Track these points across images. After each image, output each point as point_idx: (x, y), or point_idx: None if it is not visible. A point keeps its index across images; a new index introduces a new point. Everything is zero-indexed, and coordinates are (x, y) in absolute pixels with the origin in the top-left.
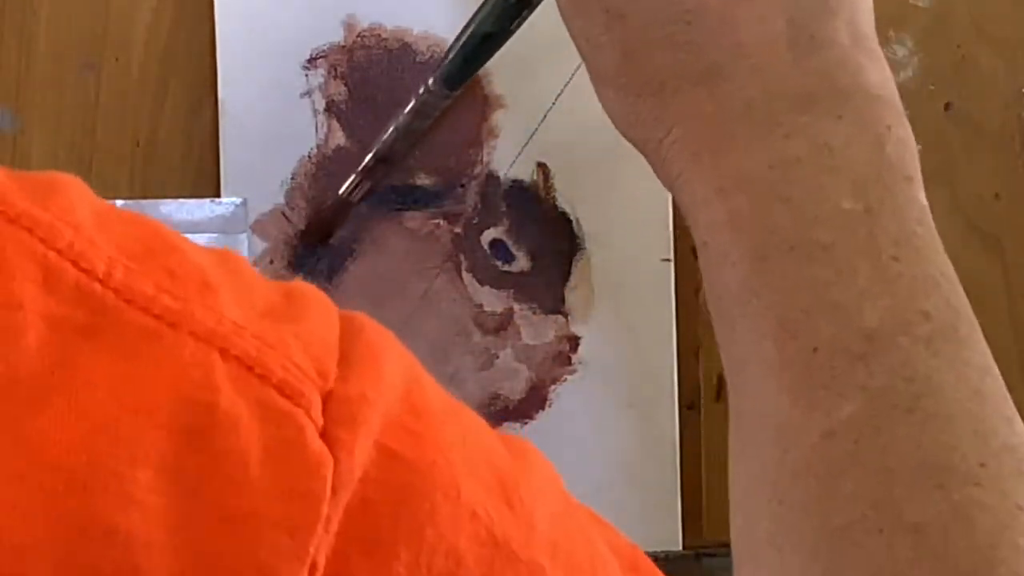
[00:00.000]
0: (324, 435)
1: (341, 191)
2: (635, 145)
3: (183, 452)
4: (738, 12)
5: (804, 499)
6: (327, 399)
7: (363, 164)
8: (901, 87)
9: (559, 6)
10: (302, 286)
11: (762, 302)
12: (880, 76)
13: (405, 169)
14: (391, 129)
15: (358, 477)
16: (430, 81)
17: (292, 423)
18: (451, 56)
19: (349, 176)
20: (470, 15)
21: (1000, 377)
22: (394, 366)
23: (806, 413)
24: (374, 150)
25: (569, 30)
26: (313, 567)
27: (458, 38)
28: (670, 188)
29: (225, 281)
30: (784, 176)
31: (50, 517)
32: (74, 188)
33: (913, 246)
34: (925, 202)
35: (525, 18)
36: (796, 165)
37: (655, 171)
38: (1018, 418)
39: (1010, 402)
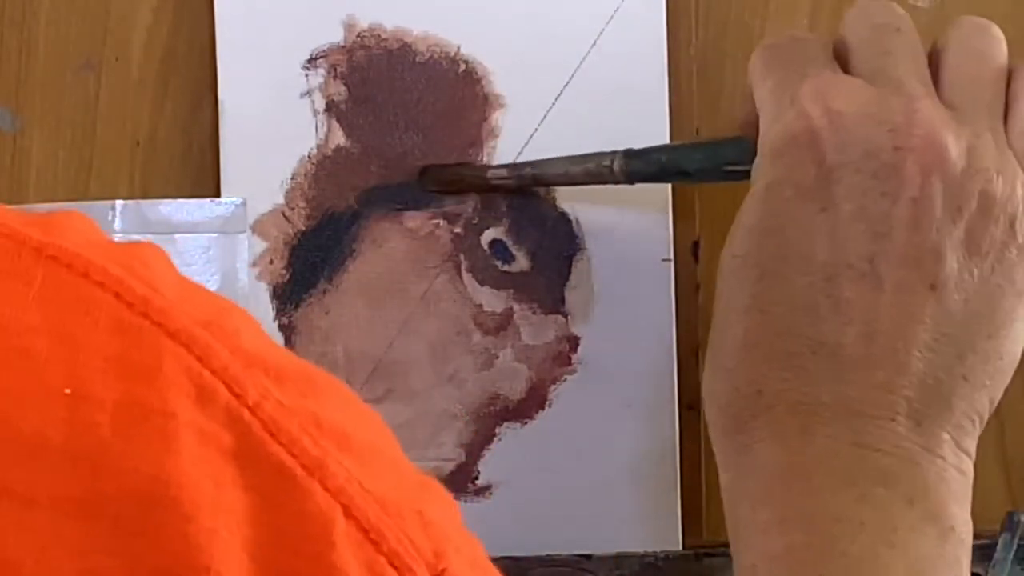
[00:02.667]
0: None
1: (489, 173)
2: (713, 429)
3: None
4: (870, 357)
5: None
6: None
7: (520, 166)
8: None
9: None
10: (436, 485)
11: None
12: (962, 477)
13: (405, 169)
14: (563, 164)
15: None
16: (616, 160)
17: None
18: (651, 156)
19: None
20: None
21: None
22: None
23: None
24: (535, 168)
25: (721, 283)
26: None
27: (671, 148)
28: (726, 497)
29: (365, 447)
30: (847, 533)
31: None
32: (239, 315)
33: None
34: None
35: (730, 179)
36: (860, 529)
37: (721, 466)
38: None
39: None
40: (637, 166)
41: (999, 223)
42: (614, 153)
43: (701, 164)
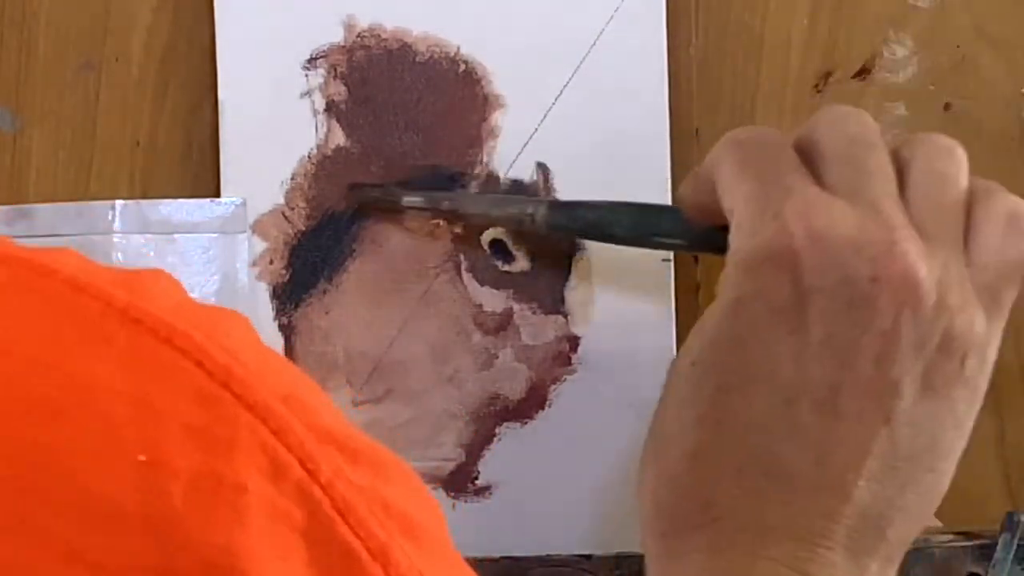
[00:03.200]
0: None
1: (404, 200)
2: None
3: None
4: (820, 484)
5: None
6: None
7: (438, 197)
8: (901, 87)
9: (699, 342)
10: None
11: None
12: None
13: (405, 169)
14: (485, 205)
15: None
16: (540, 209)
17: None
18: (577, 212)
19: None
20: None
21: None
22: None
23: None
24: (453, 203)
25: (672, 388)
26: None
27: (599, 207)
28: None
29: (427, 536)
30: None
31: None
32: (317, 390)
33: None
34: None
35: (657, 248)
36: None
37: (649, 561)
38: None
39: None
40: (560, 220)
41: (953, 360)
42: (539, 202)
43: (629, 231)
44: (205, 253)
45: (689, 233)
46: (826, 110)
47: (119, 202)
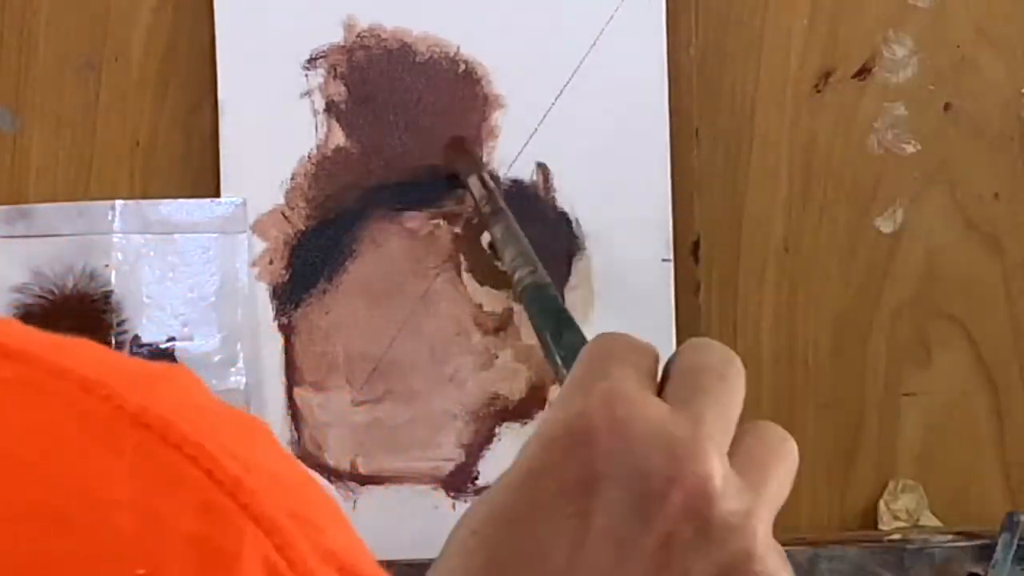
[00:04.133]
0: None
1: (485, 173)
2: None
3: None
4: None
5: None
6: None
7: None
8: (901, 87)
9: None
10: None
11: None
12: None
13: (405, 168)
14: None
15: None
16: (526, 279)
17: None
18: (550, 305)
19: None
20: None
21: None
22: None
23: None
24: (493, 188)
25: (447, 552)
26: None
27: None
28: None
29: None
30: None
31: None
32: (329, 511)
33: None
34: None
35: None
36: None
37: None
38: None
39: None
40: (534, 301)
41: (723, 570)
42: (535, 280)
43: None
44: (205, 253)
45: None
46: (694, 342)
47: (119, 202)
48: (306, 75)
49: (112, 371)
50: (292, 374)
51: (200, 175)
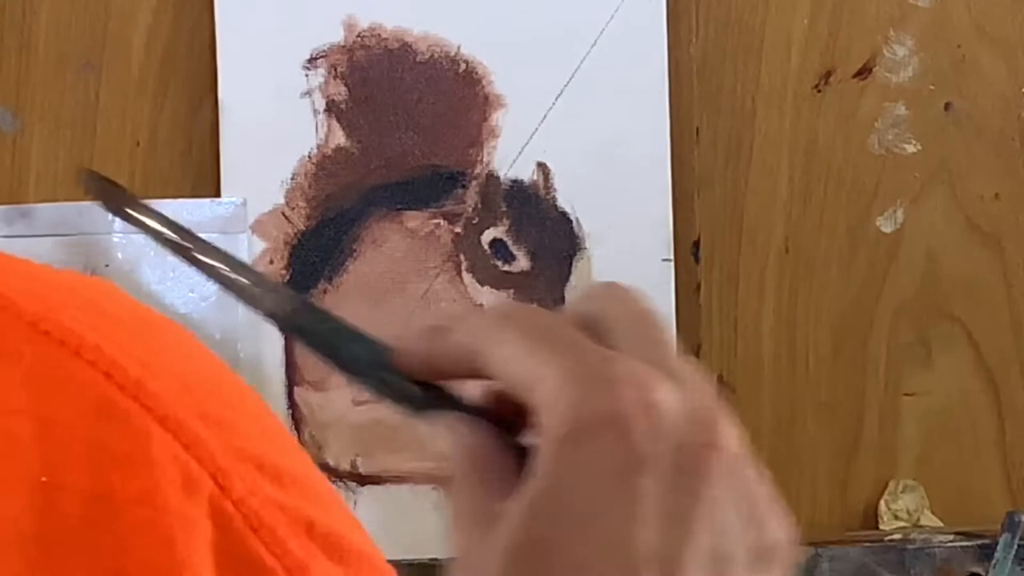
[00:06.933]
0: None
1: None
2: None
3: None
4: None
5: None
6: None
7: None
8: (902, 87)
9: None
10: None
11: None
12: None
13: (405, 168)
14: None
15: None
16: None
17: None
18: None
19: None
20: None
21: None
22: None
23: None
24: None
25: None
26: None
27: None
28: None
29: (358, 565)
30: None
31: None
32: (256, 417)
33: None
34: None
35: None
36: None
37: None
38: None
39: None
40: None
41: (755, 516)
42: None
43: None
44: None
45: (382, 374)
46: (601, 286)
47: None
48: (306, 75)
49: (14, 281)
50: (292, 374)
51: (200, 175)
